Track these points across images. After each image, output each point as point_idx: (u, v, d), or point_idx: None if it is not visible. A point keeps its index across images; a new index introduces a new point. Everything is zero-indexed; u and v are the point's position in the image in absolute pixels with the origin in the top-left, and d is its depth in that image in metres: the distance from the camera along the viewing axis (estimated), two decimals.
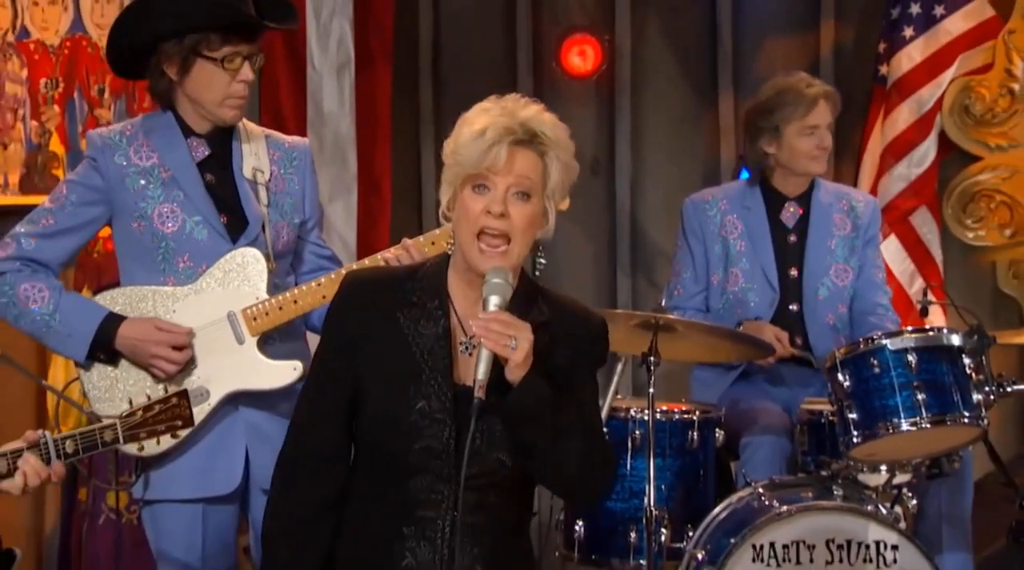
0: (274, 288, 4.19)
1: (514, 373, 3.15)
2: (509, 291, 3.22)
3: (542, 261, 4.57)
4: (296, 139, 4.53)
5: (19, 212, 5.98)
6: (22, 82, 5.97)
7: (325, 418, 3.38)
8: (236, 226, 4.20)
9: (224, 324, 4.15)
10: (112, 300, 4.19)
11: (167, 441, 4.00)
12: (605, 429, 3.96)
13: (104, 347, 4.10)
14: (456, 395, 3.26)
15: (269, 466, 3.72)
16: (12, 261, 4.14)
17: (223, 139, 4.25)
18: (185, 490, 4.14)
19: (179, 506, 4.16)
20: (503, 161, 3.19)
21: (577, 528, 5.22)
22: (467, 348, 3.31)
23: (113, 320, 4.09)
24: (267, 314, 4.17)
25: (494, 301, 3.17)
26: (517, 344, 3.14)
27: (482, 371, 3.13)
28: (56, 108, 6.01)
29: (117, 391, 4.18)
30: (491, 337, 3.12)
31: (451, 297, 3.33)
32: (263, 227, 4.23)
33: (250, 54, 4.14)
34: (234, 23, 4.16)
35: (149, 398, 3.77)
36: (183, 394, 3.73)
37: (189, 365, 4.15)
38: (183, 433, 3.83)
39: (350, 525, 3.36)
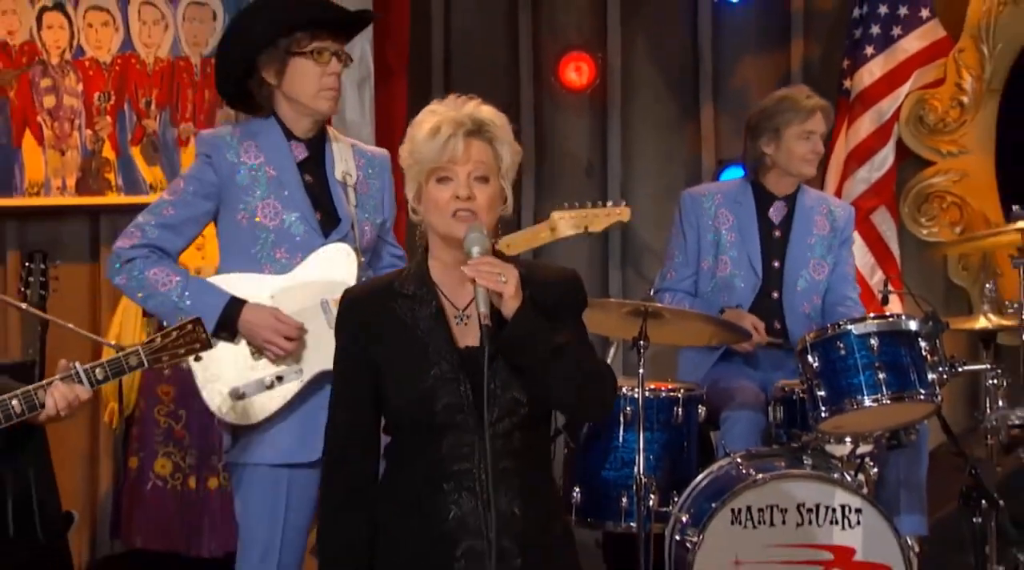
0: (361, 277, 4.23)
1: (508, 306, 3.19)
2: (487, 242, 3.25)
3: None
4: (376, 149, 4.58)
5: (75, 211, 6.11)
6: (78, 95, 5.99)
7: (350, 410, 3.41)
8: (329, 223, 4.26)
9: (317, 310, 4.19)
10: (221, 282, 4.26)
11: (260, 397, 4.15)
12: None
13: (227, 327, 4.13)
14: (462, 357, 3.29)
15: None
16: (141, 249, 4.18)
17: (319, 143, 4.31)
18: (274, 456, 4.20)
19: (268, 469, 4.21)
20: (461, 151, 3.22)
21: (575, 494, 5.27)
22: (460, 319, 3.34)
23: (235, 304, 4.14)
24: None
25: (476, 250, 3.20)
26: (507, 279, 3.18)
27: (483, 304, 3.17)
28: (108, 118, 6.04)
29: (223, 364, 4.21)
30: (483, 275, 3.16)
31: (435, 283, 3.35)
32: (352, 225, 4.29)
33: (336, 51, 4.19)
34: (315, 21, 4.20)
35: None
36: (198, 321, 3.81)
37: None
38: (204, 355, 3.90)
39: (395, 494, 3.38)
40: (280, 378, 4.17)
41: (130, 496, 5.64)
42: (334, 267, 4.24)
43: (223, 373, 4.18)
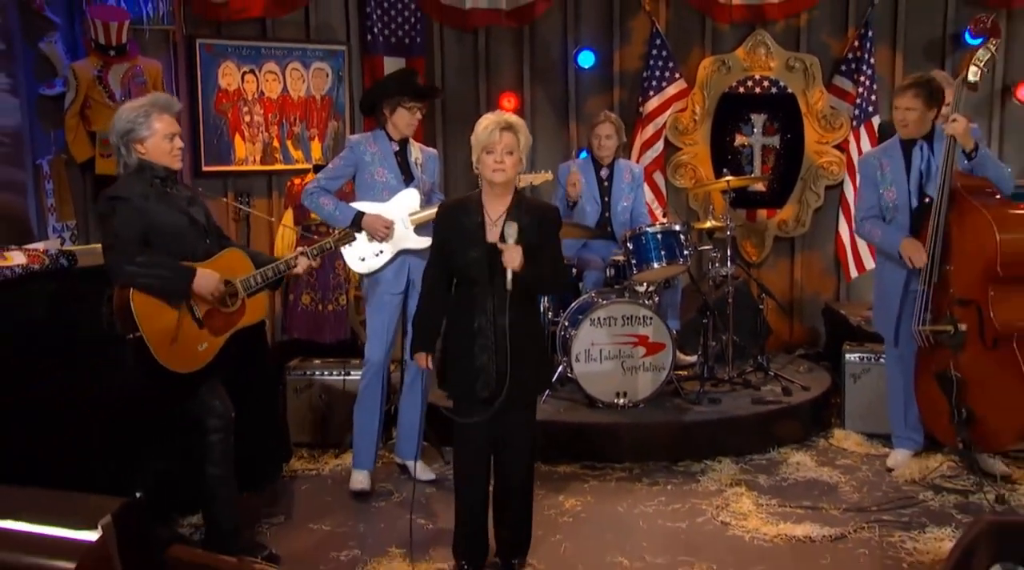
0: (423, 207, 4.34)
1: (513, 268, 3.20)
2: (516, 232, 3.20)
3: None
4: (429, 148, 4.60)
5: (259, 173, 6.08)
6: (261, 115, 6.01)
7: (437, 273, 3.41)
8: (408, 180, 4.37)
9: (400, 221, 4.31)
10: (356, 205, 4.31)
11: (373, 260, 4.28)
12: None
13: (356, 225, 4.21)
14: (487, 248, 3.29)
15: (417, 280, 3.89)
16: (317, 189, 4.33)
17: (404, 143, 4.40)
18: (383, 289, 4.33)
19: (381, 296, 4.34)
20: (498, 137, 3.24)
21: None
22: (491, 226, 3.31)
23: (360, 213, 4.25)
24: (419, 217, 4.31)
25: (511, 240, 3.20)
26: (516, 258, 3.18)
27: (508, 278, 3.19)
28: (275, 127, 6.07)
29: (356, 245, 4.22)
30: (507, 259, 3.19)
31: (483, 204, 3.35)
32: (419, 182, 4.39)
33: (420, 107, 4.34)
34: (417, 94, 4.32)
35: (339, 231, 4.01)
36: (351, 232, 3.99)
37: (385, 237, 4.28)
38: (350, 241, 4.06)
39: (455, 311, 3.39)
40: (382, 251, 4.30)
41: (290, 312, 5.65)
42: (409, 200, 4.36)
43: (356, 249, 4.29)
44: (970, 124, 4.18)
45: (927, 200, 4.32)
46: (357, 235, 4.16)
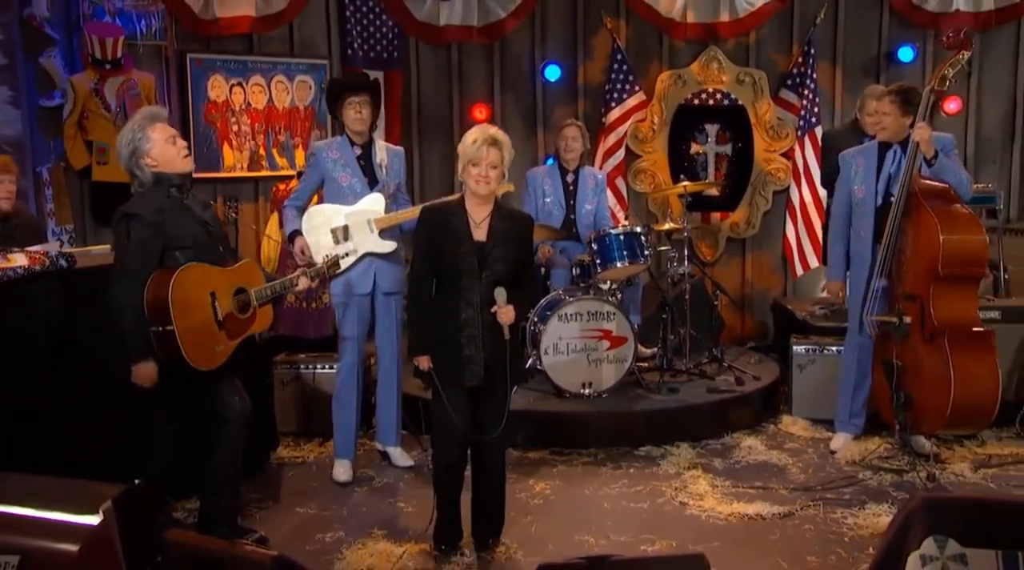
0: (387, 210, 4.28)
1: (507, 323, 3.24)
2: (504, 294, 3.22)
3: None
4: (397, 146, 4.48)
5: (247, 179, 6.05)
6: (248, 125, 5.97)
7: (425, 273, 3.33)
8: (373, 183, 4.27)
9: (365, 225, 4.24)
10: (318, 211, 4.25)
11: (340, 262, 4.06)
12: None
13: (291, 240, 4.20)
14: (475, 244, 3.28)
15: (383, 283, 3.94)
16: (289, 204, 4.32)
17: (368, 146, 4.30)
18: (345, 290, 4.24)
19: (345, 297, 4.25)
20: (485, 152, 3.22)
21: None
22: (475, 226, 3.28)
23: (295, 232, 4.20)
24: (383, 221, 4.24)
25: (500, 300, 3.22)
26: (509, 313, 3.22)
27: (506, 330, 3.22)
28: (261, 136, 6.04)
29: (322, 248, 4.15)
30: (501, 315, 3.22)
31: (466, 209, 3.32)
32: (384, 185, 4.29)
33: (359, 101, 4.20)
34: (349, 87, 4.24)
35: (330, 255, 3.91)
36: (335, 260, 3.85)
37: (351, 241, 4.18)
38: (311, 241, 4.08)
39: (441, 306, 3.34)
40: (348, 253, 4.17)
41: (276, 311, 5.59)
42: (374, 204, 4.26)
43: (325, 251, 4.17)
44: (936, 133, 4.24)
45: (891, 199, 4.36)
46: (341, 261, 4.05)
